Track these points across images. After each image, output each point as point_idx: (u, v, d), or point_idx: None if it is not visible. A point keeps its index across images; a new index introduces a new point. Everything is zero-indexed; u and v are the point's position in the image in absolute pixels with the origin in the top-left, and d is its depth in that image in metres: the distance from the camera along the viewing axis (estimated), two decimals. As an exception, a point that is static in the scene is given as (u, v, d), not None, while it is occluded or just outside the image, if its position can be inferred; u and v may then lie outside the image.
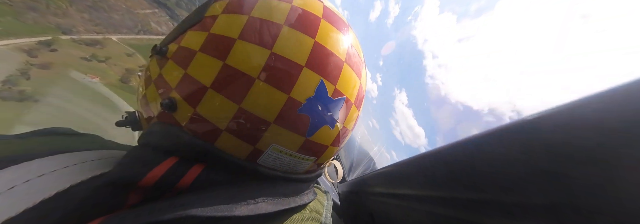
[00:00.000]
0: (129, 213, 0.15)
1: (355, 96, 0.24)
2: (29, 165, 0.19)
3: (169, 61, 0.22)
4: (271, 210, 0.19)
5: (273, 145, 0.21)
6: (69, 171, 0.19)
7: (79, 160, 0.21)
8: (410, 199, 0.25)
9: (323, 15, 0.23)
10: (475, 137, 0.16)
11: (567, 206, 0.10)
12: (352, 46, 0.24)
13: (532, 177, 0.12)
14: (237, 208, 0.17)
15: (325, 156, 0.25)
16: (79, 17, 19.20)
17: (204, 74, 0.20)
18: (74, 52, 18.55)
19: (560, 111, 0.11)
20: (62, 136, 0.28)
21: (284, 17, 0.21)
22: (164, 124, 0.22)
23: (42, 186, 0.17)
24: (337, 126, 0.23)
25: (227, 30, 0.21)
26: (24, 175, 0.18)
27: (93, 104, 15.13)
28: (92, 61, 18.36)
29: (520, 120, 0.13)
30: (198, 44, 0.21)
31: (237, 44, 0.20)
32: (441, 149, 0.20)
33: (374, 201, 0.36)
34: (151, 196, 0.18)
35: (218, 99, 0.20)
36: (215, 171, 0.20)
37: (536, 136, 0.12)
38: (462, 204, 0.17)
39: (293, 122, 0.21)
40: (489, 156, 0.15)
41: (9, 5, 19.18)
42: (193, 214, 0.15)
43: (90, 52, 19.21)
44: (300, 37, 0.21)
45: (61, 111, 13.66)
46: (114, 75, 19.01)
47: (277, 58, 0.20)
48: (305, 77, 0.20)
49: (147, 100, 0.23)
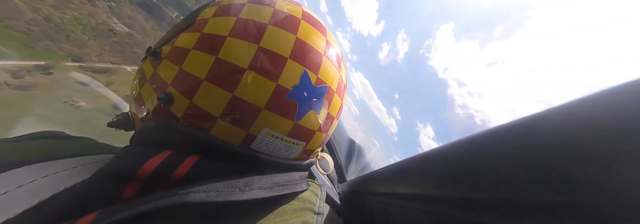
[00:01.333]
0: (124, 205, 0.16)
1: (337, 85, 0.27)
2: (28, 169, 0.20)
3: (163, 60, 0.23)
4: (265, 195, 0.20)
5: (265, 129, 0.22)
6: (66, 175, 0.20)
7: (76, 164, 0.22)
8: (410, 199, 0.25)
9: (302, 17, 0.26)
10: (475, 136, 0.16)
11: (567, 206, 0.10)
12: (329, 43, 0.27)
13: (532, 176, 0.12)
14: (232, 194, 0.18)
15: (313, 142, 0.26)
16: (98, 49, 19.82)
17: (199, 69, 0.21)
18: (74, 76, 18.03)
19: (560, 110, 0.11)
20: (56, 140, 0.28)
21: (268, 18, 0.24)
22: (159, 119, 0.22)
23: (40, 189, 0.18)
24: (322, 111, 0.25)
25: (218, 29, 0.23)
26: (23, 179, 0.18)
27: (56, 127, 13.87)
28: (88, 86, 17.32)
29: (520, 120, 0.13)
30: (191, 43, 0.23)
31: (227, 40, 0.22)
32: (441, 149, 0.20)
33: (374, 200, 0.35)
34: (147, 188, 0.19)
35: (213, 90, 0.21)
36: (210, 160, 0.21)
37: (536, 135, 0.12)
38: (462, 204, 0.17)
39: (282, 108, 0.22)
40: (489, 155, 0.15)
41: (26, 33, 19.97)
42: (188, 201, 0.16)
43: (94, 78, 18.63)
44: (283, 33, 0.23)
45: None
46: (108, 100, 17.69)
47: (264, 51, 0.22)
48: (290, 67, 0.22)
49: (142, 98, 0.24)
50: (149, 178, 0.18)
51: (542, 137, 0.11)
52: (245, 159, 0.22)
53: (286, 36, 0.24)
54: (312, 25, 0.26)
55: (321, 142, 0.29)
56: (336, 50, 0.29)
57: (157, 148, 0.21)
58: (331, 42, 0.28)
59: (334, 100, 0.27)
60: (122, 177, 0.18)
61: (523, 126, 0.13)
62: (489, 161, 0.15)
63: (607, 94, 0.09)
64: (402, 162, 0.28)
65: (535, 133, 0.12)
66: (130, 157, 0.20)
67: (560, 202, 0.11)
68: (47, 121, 14.66)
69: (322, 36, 0.27)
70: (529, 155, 0.12)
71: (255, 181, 0.20)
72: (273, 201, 0.22)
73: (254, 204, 0.20)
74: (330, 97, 0.26)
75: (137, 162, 0.19)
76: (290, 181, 0.24)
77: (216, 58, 0.22)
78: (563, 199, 0.10)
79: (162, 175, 0.19)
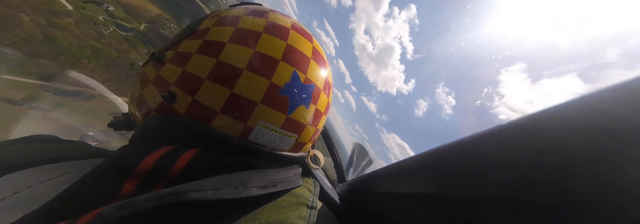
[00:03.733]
0: (121, 203, 0.16)
1: (323, 84, 0.30)
2: (23, 174, 0.20)
3: (166, 64, 0.26)
4: (260, 193, 0.21)
5: (261, 122, 0.25)
6: (65, 179, 0.20)
7: (73, 168, 0.22)
8: (410, 199, 0.25)
9: (291, 27, 0.30)
10: (475, 136, 0.16)
11: (567, 205, 0.10)
12: (315, 48, 0.31)
13: (532, 176, 0.12)
14: (227, 192, 0.18)
15: (304, 135, 0.29)
16: (97, 76, 16.48)
17: (201, 70, 0.24)
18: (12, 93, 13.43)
19: (559, 110, 0.11)
20: (49, 144, 0.29)
21: (262, 28, 0.28)
22: (162, 115, 0.24)
23: (38, 196, 0.18)
24: (311, 106, 0.28)
25: (219, 37, 0.26)
26: (18, 185, 0.19)
27: None
28: (22, 105, 12.73)
29: (520, 120, 0.13)
30: (194, 48, 0.25)
31: (227, 46, 0.25)
32: (441, 149, 0.20)
33: (374, 200, 0.36)
34: (147, 183, 0.19)
35: (214, 87, 0.24)
36: (207, 153, 0.22)
37: (536, 135, 0.12)
38: (461, 204, 0.17)
39: (276, 102, 0.25)
40: (489, 155, 0.15)
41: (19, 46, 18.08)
42: (183, 199, 0.16)
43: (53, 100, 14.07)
44: (275, 40, 0.27)
45: None
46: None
47: (259, 54, 0.25)
48: (282, 67, 0.26)
49: (144, 98, 0.27)
50: (149, 173, 0.19)
51: (541, 137, 0.11)
52: (243, 150, 0.24)
53: (278, 42, 0.27)
54: (300, 34, 0.30)
55: (312, 136, 0.31)
56: (321, 54, 0.32)
57: (157, 145, 0.22)
58: (317, 48, 0.32)
59: (321, 97, 0.30)
60: (122, 172, 0.19)
61: (523, 126, 0.13)
62: (489, 161, 0.15)
63: (606, 94, 0.09)
64: (401, 162, 0.28)
65: (535, 133, 0.12)
66: (130, 153, 0.21)
67: (560, 202, 0.11)
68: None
69: (309, 43, 0.30)
70: (528, 155, 0.12)
71: (250, 179, 0.21)
72: (268, 197, 0.23)
73: (247, 202, 0.21)
74: (318, 95, 0.29)
75: (137, 157, 0.20)
76: (285, 178, 0.25)
77: (217, 60, 0.24)
78: (561, 198, 0.10)
79: (161, 169, 0.19)
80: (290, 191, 0.25)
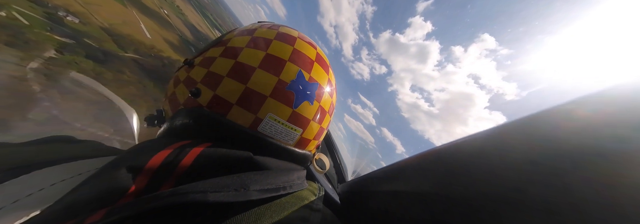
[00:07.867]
0: (127, 204, 0.17)
1: (326, 84, 0.34)
2: (38, 175, 0.20)
3: (195, 67, 0.31)
4: (261, 196, 0.21)
5: (269, 114, 0.28)
6: (72, 181, 0.21)
7: (86, 168, 0.23)
8: (409, 198, 0.25)
9: (298, 36, 0.35)
10: (474, 137, 0.17)
11: (566, 205, 0.10)
12: (318, 54, 0.36)
13: (531, 176, 0.12)
14: (227, 195, 0.19)
15: (309, 131, 0.32)
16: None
17: (222, 69, 0.29)
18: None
19: (558, 111, 0.11)
20: (64, 144, 0.31)
21: (273, 36, 0.33)
22: (188, 108, 0.29)
23: (50, 198, 0.19)
24: (315, 103, 0.32)
25: (238, 43, 0.32)
26: (32, 186, 0.19)
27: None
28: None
29: (519, 120, 0.13)
30: (218, 53, 0.31)
31: (244, 50, 0.30)
32: (441, 149, 0.21)
33: (374, 200, 0.36)
34: (156, 180, 0.20)
35: (231, 83, 0.28)
36: (215, 149, 0.23)
37: (535, 135, 0.12)
38: (461, 203, 0.17)
39: (283, 96, 0.29)
40: (488, 155, 0.15)
41: None
42: (184, 201, 0.17)
43: None
44: (284, 45, 0.32)
45: None
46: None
47: (270, 56, 0.30)
48: (289, 67, 0.30)
49: (175, 95, 0.32)
50: (158, 170, 0.20)
51: (540, 137, 0.12)
52: (252, 140, 0.27)
53: (286, 47, 0.32)
54: (305, 41, 0.35)
55: (316, 134, 0.34)
56: (324, 60, 0.37)
57: (173, 139, 0.24)
58: (320, 54, 0.36)
59: (324, 96, 0.33)
60: (133, 169, 0.20)
61: (521, 127, 0.13)
62: (488, 161, 0.15)
63: (605, 94, 0.09)
64: (401, 162, 0.30)
65: (533, 133, 0.12)
66: (144, 148, 0.23)
67: (559, 201, 0.11)
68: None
69: (313, 50, 0.35)
70: (527, 155, 0.12)
71: (252, 181, 0.22)
72: (269, 199, 0.23)
73: (247, 205, 0.22)
74: (321, 93, 0.33)
75: (148, 154, 0.21)
76: (287, 181, 0.26)
77: (235, 61, 0.29)
78: (562, 198, 0.10)
79: (169, 166, 0.21)
80: (294, 194, 0.26)
